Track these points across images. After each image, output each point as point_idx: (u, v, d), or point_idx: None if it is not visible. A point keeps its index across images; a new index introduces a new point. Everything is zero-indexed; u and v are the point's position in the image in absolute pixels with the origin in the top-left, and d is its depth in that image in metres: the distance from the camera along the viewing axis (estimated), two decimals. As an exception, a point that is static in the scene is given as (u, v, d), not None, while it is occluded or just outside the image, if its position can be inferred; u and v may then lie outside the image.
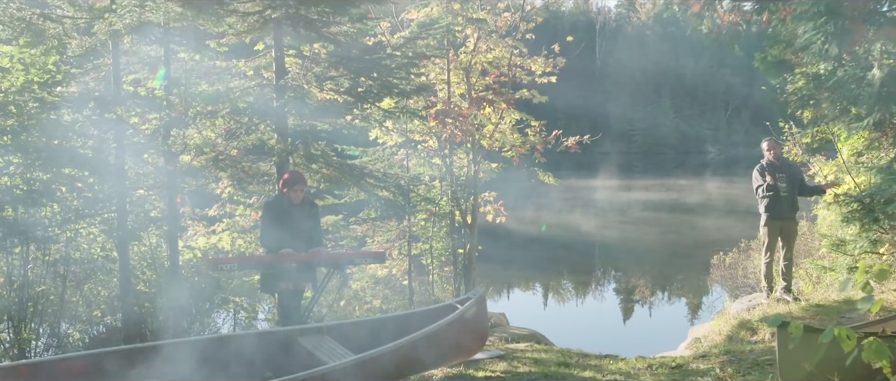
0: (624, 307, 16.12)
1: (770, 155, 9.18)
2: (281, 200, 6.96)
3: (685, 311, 14.69)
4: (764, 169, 9.18)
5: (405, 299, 10.51)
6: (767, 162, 9.25)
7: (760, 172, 9.25)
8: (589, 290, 17.86)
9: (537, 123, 10.47)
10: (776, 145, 9.31)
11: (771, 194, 8.97)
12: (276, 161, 8.59)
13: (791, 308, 8.31)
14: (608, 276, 19.33)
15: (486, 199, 11.05)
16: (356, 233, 10.25)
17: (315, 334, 6.24)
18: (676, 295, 17.23)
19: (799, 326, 4.04)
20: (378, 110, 8.95)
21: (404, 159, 10.75)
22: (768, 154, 9.20)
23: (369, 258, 7.18)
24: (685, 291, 17.50)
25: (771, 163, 9.19)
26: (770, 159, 9.17)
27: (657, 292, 17.50)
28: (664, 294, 17.33)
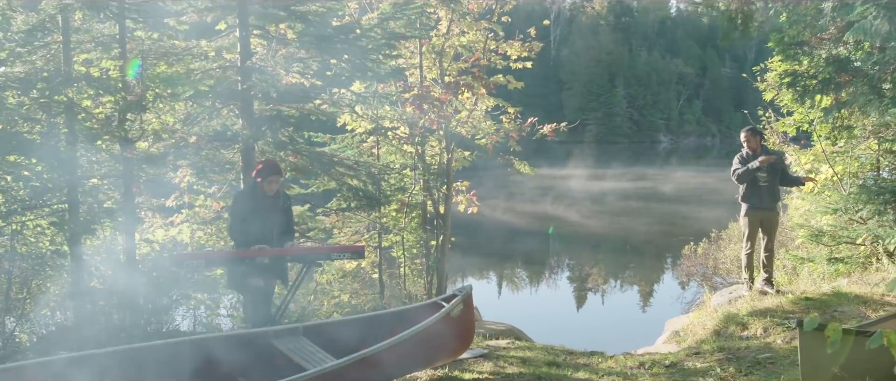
0: (597, 299, 15.88)
1: (747, 146, 8.91)
2: (253, 190, 6.44)
3: (658, 302, 14.49)
4: (744, 160, 8.93)
5: (375, 293, 10.06)
6: (747, 152, 8.98)
7: (741, 161, 8.99)
8: (561, 282, 17.61)
9: (514, 109, 10.07)
10: (752, 136, 9.05)
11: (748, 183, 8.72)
12: (241, 148, 8.06)
13: (780, 302, 8.05)
14: (580, 267, 19.08)
15: (458, 188, 10.62)
16: (324, 224, 9.75)
17: (290, 335, 5.76)
18: (648, 286, 17.05)
19: (838, 329, 3.72)
20: (350, 95, 8.44)
21: (374, 147, 10.26)
22: (746, 145, 8.93)
23: (347, 253, 6.69)
24: (657, 281, 17.35)
25: (749, 155, 8.93)
26: (747, 151, 8.91)
27: (629, 283, 17.32)
28: (636, 285, 17.15)
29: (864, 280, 9.12)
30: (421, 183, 10.00)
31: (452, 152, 10.12)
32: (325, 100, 8.94)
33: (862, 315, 7.14)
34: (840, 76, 6.29)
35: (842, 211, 10.24)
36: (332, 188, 9.69)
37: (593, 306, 14.87)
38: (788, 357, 6.07)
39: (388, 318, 6.24)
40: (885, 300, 7.64)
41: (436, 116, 9.10)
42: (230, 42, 8.46)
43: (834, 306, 7.62)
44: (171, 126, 8.26)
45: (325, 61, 8.70)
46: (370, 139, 10.25)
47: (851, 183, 10.75)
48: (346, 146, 9.74)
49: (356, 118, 9.83)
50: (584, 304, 15.16)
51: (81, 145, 7.25)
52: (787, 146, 11.69)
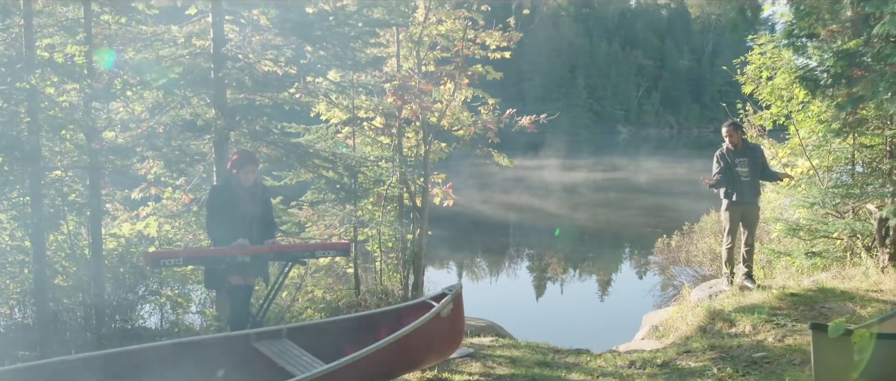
0: (572, 292, 15.73)
1: (729, 141, 8.83)
2: (229, 183, 6.11)
3: (632, 295, 14.39)
4: (723, 156, 8.84)
5: (350, 289, 9.77)
6: (728, 148, 8.90)
7: (718, 160, 8.89)
8: (535, 275, 17.43)
9: (493, 100, 9.84)
10: (734, 131, 8.97)
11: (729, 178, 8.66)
12: (213, 139, 7.71)
13: (766, 297, 7.97)
14: (552, 259, 18.94)
15: (434, 181, 10.36)
16: (297, 218, 9.42)
17: (274, 337, 5.47)
18: (621, 278, 16.99)
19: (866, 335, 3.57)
20: (328, 84, 8.13)
21: (349, 138, 9.95)
22: (727, 140, 8.85)
23: (333, 251, 6.40)
24: (630, 274, 17.29)
25: (729, 150, 8.85)
26: (729, 146, 8.83)
27: (602, 276, 17.24)
28: (609, 278, 17.07)
29: (843, 275, 9.11)
30: (397, 175, 9.72)
31: (430, 144, 9.85)
32: (300, 89, 8.61)
33: (851, 312, 7.08)
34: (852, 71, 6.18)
35: (819, 205, 10.23)
36: (307, 180, 9.38)
37: (569, 300, 14.75)
38: (784, 356, 5.96)
39: (376, 319, 5.98)
40: (869, 296, 7.60)
41: (417, 106, 8.81)
42: (202, 28, 8.10)
43: (820, 303, 7.55)
44: (139, 115, 7.89)
45: (300, 49, 8.38)
46: (345, 130, 9.94)
47: (826, 177, 10.76)
48: (320, 137, 9.40)
49: (331, 108, 9.51)
50: (560, 297, 15.02)
51: (44, 135, 6.83)
52: (765, 140, 11.68)
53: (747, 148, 8.97)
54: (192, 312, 8.54)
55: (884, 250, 9.11)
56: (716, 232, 13.57)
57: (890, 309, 7.06)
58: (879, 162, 10.48)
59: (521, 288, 15.97)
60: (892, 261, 8.91)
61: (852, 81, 6.13)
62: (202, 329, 8.01)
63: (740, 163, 8.80)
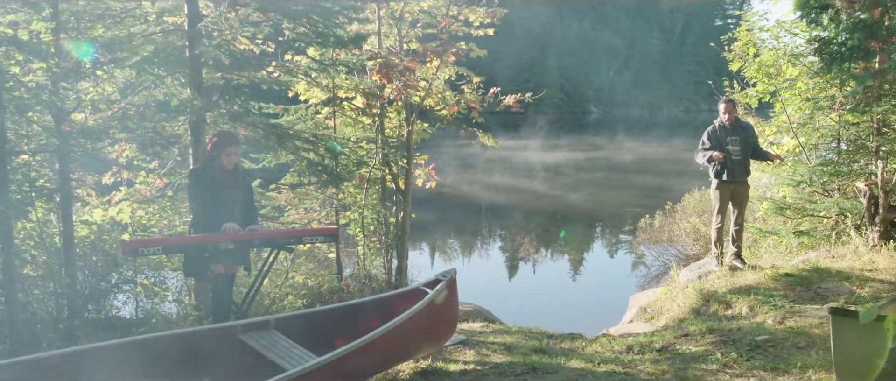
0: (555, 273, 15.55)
1: (726, 118, 8.65)
2: (210, 166, 5.79)
3: (617, 275, 14.27)
4: (714, 134, 8.65)
5: (332, 274, 9.49)
6: (720, 125, 8.73)
7: (709, 137, 8.70)
8: (518, 256, 17.24)
9: (478, 78, 9.56)
10: (733, 108, 8.81)
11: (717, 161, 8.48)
12: (189, 120, 7.34)
13: (760, 278, 7.83)
14: (534, 240, 18.76)
15: (416, 162, 10.08)
16: (276, 201, 9.11)
17: (261, 329, 5.18)
18: (605, 259, 16.86)
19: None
20: (309, 62, 7.80)
21: (328, 118, 9.62)
22: (724, 117, 8.66)
23: (320, 237, 6.09)
24: (612, 254, 17.15)
25: (723, 126, 8.67)
26: (724, 122, 8.65)
27: (586, 257, 17.09)
28: (594, 259, 16.93)
29: (833, 254, 9.01)
30: (379, 157, 9.42)
31: (413, 124, 9.56)
32: (278, 67, 8.26)
33: (848, 292, 6.95)
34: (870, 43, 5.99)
35: (806, 183, 10.13)
36: (286, 163, 9.06)
37: (553, 281, 14.55)
38: (788, 340, 5.80)
39: (368, 307, 5.71)
40: (865, 275, 7.48)
41: (402, 84, 8.50)
42: (175, 3, 7.71)
43: (816, 283, 7.42)
44: (110, 96, 7.51)
45: (278, 25, 8.04)
46: (325, 110, 9.61)
47: (811, 155, 10.67)
48: (299, 118, 9.07)
49: (310, 88, 9.17)
50: (544, 279, 14.83)
51: (10, 117, 6.44)
52: (751, 118, 11.55)
53: (739, 126, 8.81)
54: (169, 300, 8.22)
55: (873, 229, 9.02)
56: (699, 212, 13.47)
57: (888, 288, 6.96)
58: (866, 139, 10.41)
59: (505, 270, 15.77)
60: (883, 239, 8.82)
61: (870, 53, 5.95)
62: (179, 319, 7.68)
63: (732, 141, 8.63)
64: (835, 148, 10.53)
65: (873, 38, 5.91)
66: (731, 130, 8.67)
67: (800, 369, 5.03)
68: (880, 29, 5.73)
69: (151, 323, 7.15)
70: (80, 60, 6.66)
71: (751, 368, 5.30)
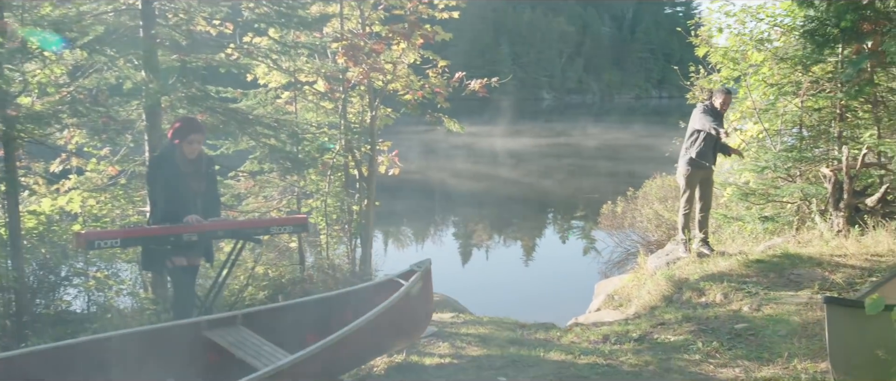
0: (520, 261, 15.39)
1: (721, 106, 8.52)
2: (171, 154, 5.46)
3: (580, 262, 14.18)
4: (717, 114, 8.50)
5: (293, 264, 9.19)
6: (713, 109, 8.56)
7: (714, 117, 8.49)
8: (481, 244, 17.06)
9: (444, 62, 9.30)
10: (730, 98, 8.72)
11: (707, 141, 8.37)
12: (144, 105, 6.97)
13: (731, 264, 7.76)
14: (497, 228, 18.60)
15: (379, 149, 9.79)
16: (236, 190, 8.76)
17: (228, 325, 4.90)
18: (568, 246, 16.77)
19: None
20: (269, 43, 7.47)
21: (289, 103, 9.28)
22: (721, 104, 8.51)
23: (289, 226, 5.79)
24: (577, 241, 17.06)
25: (716, 111, 8.54)
26: (717, 108, 8.51)
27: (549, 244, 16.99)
28: (555, 245, 16.84)
29: (799, 239, 9.02)
30: (342, 142, 9.13)
31: (377, 109, 9.28)
32: (237, 50, 7.91)
33: (821, 278, 6.91)
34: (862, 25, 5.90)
35: (770, 169, 10.14)
36: (245, 149, 8.71)
37: (517, 269, 14.41)
38: (767, 327, 5.72)
39: (339, 300, 5.46)
40: (835, 261, 7.47)
41: (368, 67, 8.21)
42: (128, -20, 7.31)
43: (788, 269, 7.38)
44: (58, 79, 7.08)
45: (237, 5, 7.69)
46: (285, 95, 9.27)
47: (775, 141, 10.69)
48: (258, 102, 8.72)
49: (270, 71, 8.83)
50: (508, 266, 14.66)
51: (-51, 101, 6.01)
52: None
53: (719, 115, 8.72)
54: (124, 294, 7.84)
55: (838, 214, 9.04)
56: (661, 198, 13.47)
57: (860, 274, 6.95)
58: (828, 125, 10.46)
59: (469, 258, 15.60)
60: (848, 224, 8.85)
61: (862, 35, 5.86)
62: (134, 312, 7.32)
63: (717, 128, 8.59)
64: (797, 134, 10.57)
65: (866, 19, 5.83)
66: (720, 117, 8.60)
67: (786, 358, 4.93)
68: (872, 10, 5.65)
69: (106, 319, 6.79)
70: (26, 40, 6.25)
71: (734, 357, 5.20)
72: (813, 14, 6.68)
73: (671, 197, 13.07)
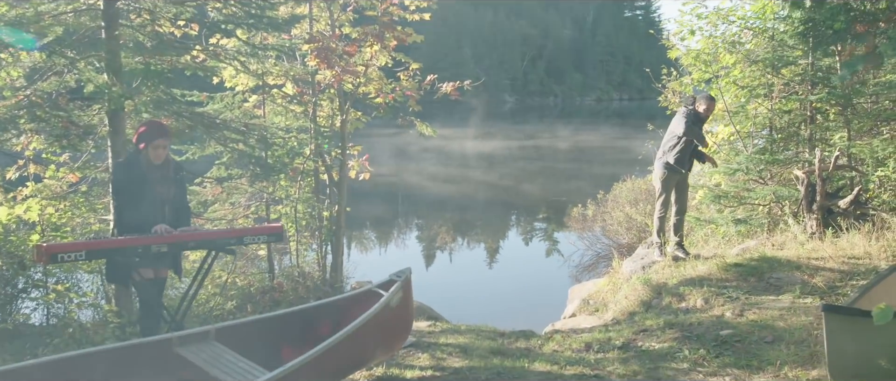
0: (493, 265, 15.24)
1: (707, 112, 8.46)
2: (137, 160, 5.20)
3: (552, 266, 14.07)
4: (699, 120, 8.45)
5: (262, 272, 8.94)
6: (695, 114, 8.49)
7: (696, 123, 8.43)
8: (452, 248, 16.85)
9: (416, 64, 9.12)
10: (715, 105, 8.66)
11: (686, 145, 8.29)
12: (107, 109, 6.67)
13: (710, 268, 7.69)
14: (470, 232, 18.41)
15: (350, 153, 9.58)
16: (203, 196, 8.49)
17: (200, 341, 4.65)
18: (539, 249, 16.66)
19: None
20: (238, 44, 7.23)
21: (257, 107, 9.03)
22: (705, 110, 8.44)
23: (263, 236, 5.55)
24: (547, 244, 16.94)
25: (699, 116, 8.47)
26: (700, 113, 8.44)
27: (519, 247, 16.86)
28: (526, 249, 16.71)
29: (773, 242, 8.99)
30: (312, 146, 8.90)
31: (347, 113, 9.06)
32: (204, 51, 7.64)
33: (801, 281, 6.86)
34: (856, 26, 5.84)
35: (743, 171, 10.13)
36: (212, 154, 8.45)
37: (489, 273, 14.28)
38: (753, 334, 5.62)
39: (316, 313, 5.23)
40: (813, 264, 7.43)
41: (341, 70, 7.99)
42: (88, -20, 7.00)
43: (767, 273, 7.32)
44: (15, 82, 6.76)
45: (202, 7, 7.43)
46: (253, 98, 9.01)
47: (747, 143, 10.70)
48: (226, 106, 8.46)
49: (237, 74, 8.57)
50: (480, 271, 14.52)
51: None
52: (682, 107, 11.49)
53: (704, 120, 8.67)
54: (86, 306, 7.51)
55: (811, 216, 9.04)
56: (631, 201, 13.42)
57: (840, 277, 6.91)
58: (798, 127, 10.50)
59: (441, 263, 15.39)
60: (821, 227, 8.85)
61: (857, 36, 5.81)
62: (97, 326, 7.00)
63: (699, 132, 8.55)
64: (768, 136, 10.58)
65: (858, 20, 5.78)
66: (702, 122, 8.54)
67: (777, 366, 4.83)
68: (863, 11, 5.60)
69: (67, 333, 6.48)
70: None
71: (722, 365, 5.09)
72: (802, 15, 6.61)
73: (642, 200, 13.05)
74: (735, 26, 10.36)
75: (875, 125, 10.08)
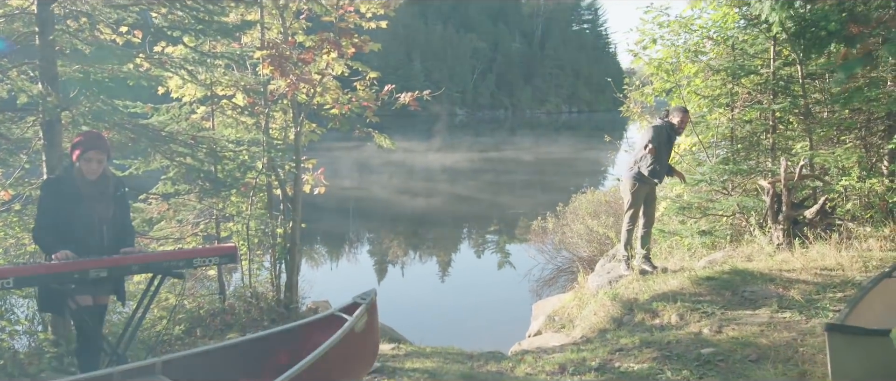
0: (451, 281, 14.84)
1: (681, 124, 8.22)
2: (69, 175, 4.72)
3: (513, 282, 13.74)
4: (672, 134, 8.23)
5: (212, 294, 8.45)
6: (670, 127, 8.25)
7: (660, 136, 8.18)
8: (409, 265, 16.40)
9: (374, 73, 8.76)
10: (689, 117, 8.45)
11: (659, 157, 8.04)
12: (41, 121, 6.17)
13: (681, 282, 7.45)
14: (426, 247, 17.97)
15: (304, 167, 9.15)
16: (148, 214, 7.97)
17: (145, 375, 4.19)
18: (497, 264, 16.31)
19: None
20: (185, 52, 6.78)
21: (205, 118, 8.55)
22: (679, 122, 8.20)
23: (215, 257, 5.08)
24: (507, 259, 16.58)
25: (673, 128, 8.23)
26: (675, 125, 8.20)
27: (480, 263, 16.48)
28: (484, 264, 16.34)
29: (740, 254, 8.83)
30: (264, 160, 8.45)
31: (302, 125, 8.64)
32: (148, 60, 7.17)
33: (776, 295, 6.66)
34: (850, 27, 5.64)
35: (707, 182, 9.99)
36: (156, 169, 7.95)
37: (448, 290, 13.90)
38: (736, 352, 5.37)
39: (273, 340, 4.80)
40: (785, 276, 7.25)
41: (296, 78, 7.57)
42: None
43: (740, 286, 7.11)
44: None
45: (145, 13, 6.96)
46: (201, 109, 8.53)
47: (710, 153, 10.57)
48: (172, 118, 7.98)
49: (184, 84, 8.09)
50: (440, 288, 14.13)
51: None
52: (646, 118, 11.36)
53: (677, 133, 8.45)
54: (20, 334, 6.94)
55: (777, 227, 8.91)
56: (591, 213, 13.22)
57: (815, 289, 6.73)
58: (759, 137, 10.40)
59: (400, 281, 14.92)
60: (787, 237, 8.72)
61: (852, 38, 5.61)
62: (32, 356, 6.45)
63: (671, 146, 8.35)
64: (729, 146, 10.46)
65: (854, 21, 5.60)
66: (675, 136, 8.33)
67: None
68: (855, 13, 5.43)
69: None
70: None
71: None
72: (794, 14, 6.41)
73: (602, 212, 12.85)
74: (696, 36, 10.23)
75: (837, 134, 10.04)
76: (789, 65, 9.83)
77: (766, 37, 9.58)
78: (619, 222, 12.37)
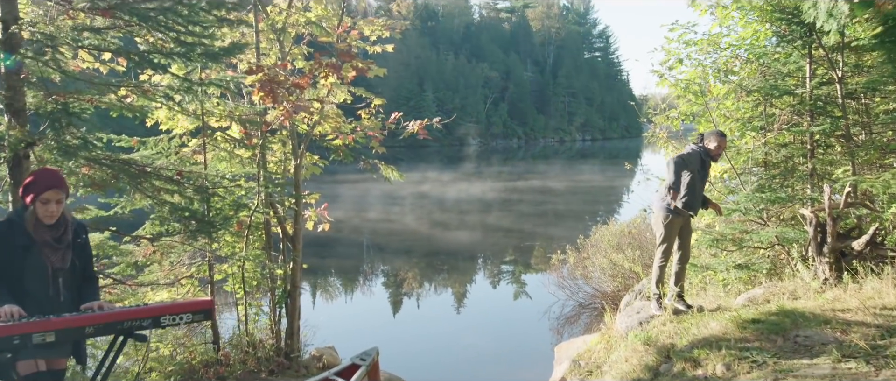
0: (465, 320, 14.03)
1: (717, 150, 7.47)
2: (20, 219, 4.06)
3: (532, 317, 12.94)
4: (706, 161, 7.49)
5: (206, 343, 7.76)
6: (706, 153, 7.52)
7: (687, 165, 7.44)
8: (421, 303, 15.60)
9: (379, 100, 8.12)
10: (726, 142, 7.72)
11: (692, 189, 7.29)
12: (7, 158, 5.53)
13: (724, 326, 6.67)
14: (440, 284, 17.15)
15: (306, 202, 8.49)
16: (134, 257, 7.30)
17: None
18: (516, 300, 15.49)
19: None
20: (173, 80, 6.14)
21: (197, 152, 7.91)
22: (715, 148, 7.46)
23: (187, 315, 4.34)
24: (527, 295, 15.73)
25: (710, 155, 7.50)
26: (711, 152, 7.47)
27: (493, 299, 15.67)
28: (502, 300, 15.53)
29: (783, 290, 8.04)
30: (262, 196, 7.79)
31: (302, 157, 7.99)
32: (132, 89, 6.53)
33: (837, 341, 5.87)
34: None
35: (741, 212, 9.24)
36: (145, 208, 7.29)
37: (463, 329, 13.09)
38: (800, 413, 4.60)
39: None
40: (841, 317, 6.46)
41: (291, 106, 6.92)
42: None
43: (792, 330, 6.32)
44: None
45: (128, 37, 6.37)
46: (193, 142, 7.89)
47: (745, 181, 9.82)
48: (160, 152, 7.34)
49: (174, 115, 7.47)
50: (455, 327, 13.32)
51: None
52: (672, 145, 10.62)
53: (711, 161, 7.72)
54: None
55: (822, 260, 8.13)
56: (614, 246, 12.45)
57: (879, 333, 5.94)
58: (796, 162, 9.66)
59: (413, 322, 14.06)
60: (834, 272, 7.93)
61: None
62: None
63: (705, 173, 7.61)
64: (764, 172, 9.71)
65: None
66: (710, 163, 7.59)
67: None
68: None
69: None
70: None
71: (774, 461, 4.05)
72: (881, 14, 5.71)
73: (626, 245, 12.08)
74: (727, 54, 9.53)
75: (880, 157, 9.27)
76: (826, 84, 9.12)
77: (801, 54, 8.89)
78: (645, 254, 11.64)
